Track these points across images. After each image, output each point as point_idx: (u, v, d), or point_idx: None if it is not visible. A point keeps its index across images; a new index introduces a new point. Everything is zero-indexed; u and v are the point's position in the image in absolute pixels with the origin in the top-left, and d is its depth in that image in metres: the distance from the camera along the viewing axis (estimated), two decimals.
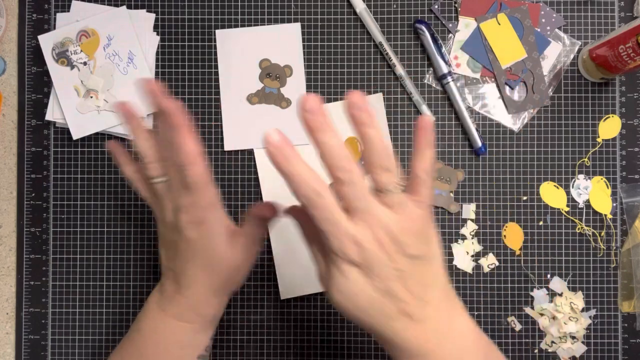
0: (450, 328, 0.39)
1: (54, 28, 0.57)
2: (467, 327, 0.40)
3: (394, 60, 0.56)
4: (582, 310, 0.56)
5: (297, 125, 0.57)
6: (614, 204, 0.57)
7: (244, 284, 0.57)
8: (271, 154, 0.36)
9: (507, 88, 0.57)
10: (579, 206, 0.57)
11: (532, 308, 0.57)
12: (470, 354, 0.39)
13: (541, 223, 0.57)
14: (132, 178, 0.49)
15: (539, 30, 0.57)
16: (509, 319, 0.57)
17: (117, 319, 0.57)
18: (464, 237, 0.57)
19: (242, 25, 0.58)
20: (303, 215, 0.44)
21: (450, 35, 0.57)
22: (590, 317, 0.56)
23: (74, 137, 0.57)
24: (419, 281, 0.38)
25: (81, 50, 0.57)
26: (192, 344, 0.46)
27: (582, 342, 0.56)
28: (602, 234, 0.57)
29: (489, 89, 0.57)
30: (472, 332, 0.40)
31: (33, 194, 0.58)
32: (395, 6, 0.58)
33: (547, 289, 0.57)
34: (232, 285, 0.47)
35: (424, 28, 0.56)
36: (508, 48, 0.57)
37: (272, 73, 0.57)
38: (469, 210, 0.57)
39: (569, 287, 0.57)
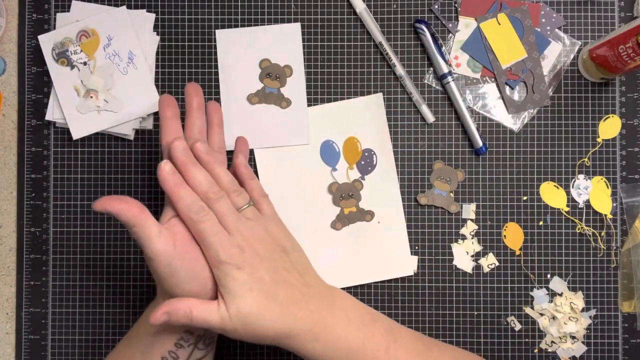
0: (333, 299, 0.46)
1: (54, 28, 0.57)
2: (343, 295, 0.48)
3: (394, 60, 0.56)
4: (582, 310, 0.56)
5: (296, 125, 0.57)
6: (614, 204, 0.57)
7: None
8: (162, 180, 0.44)
9: (507, 88, 0.57)
10: (579, 206, 0.57)
11: (532, 308, 0.57)
12: (353, 312, 0.46)
13: (541, 223, 0.57)
14: None
15: (539, 30, 0.57)
16: (509, 319, 0.57)
17: (117, 319, 0.57)
18: (464, 237, 0.57)
19: (242, 25, 0.58)
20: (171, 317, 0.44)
21: (450, 35, 0.57)
22: (590, 317, 0.56)
23: (74, 137, 0.57)
24: (296, 268, 0.46)
25: (81, 50, 0.57)
26: (156, 339, 0.46)
27: (582, 342, 0.56)
28: (602, 234, 0.57)
29: (489, 89, 0.57)
30: (349, 297, 0.48)
31: (33, 194, 0.58)
32: (395, 6, 0.58)
33: (547, 289, 0.57)
34: (163, 290, 0.46)
35: (424, 28, 0.56)
36: (508, 48, 0.57)
37: (272, 73, 0.57)
38: (469, 210, 0.57)
39: (569, 287, 0.57)
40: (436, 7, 0.57)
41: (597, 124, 0.57)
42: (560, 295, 0.56)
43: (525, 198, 0.57)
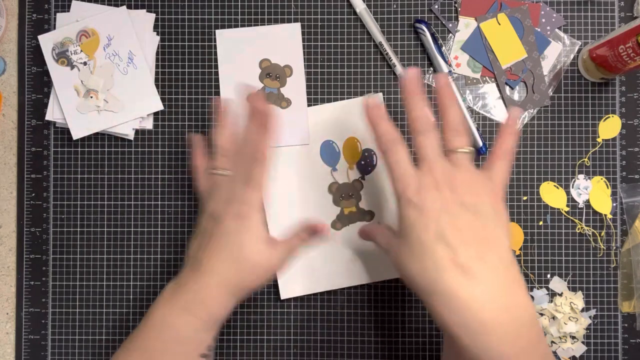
0: (509, 300, 0.40)
1: (54, 28, 0.57)
2: (527, 303, 0.40)
3: (394, 60, 0.56)
4: (582, 310, 0.56)
5: (296, 125, 0.57)
6: (614, 204, 0.57)
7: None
8: (368, 115, 0.46)
9: (507, 88, 0.57)
10: (579, 206, 0.57)
11: None
12: (527, 329, 0.40)
13: (541, 223, 0.57)
14: (196, 168, 0.53)
15: (539, 30, 0.57)
16: None
17: (117, 319, 0.57)
18: None
19: (242, 25, 0.58)
20: (368, 235, 0.51)
21: (450, 35, 0.57)
22: (590, 317, 0.56)
23: (74, 137, 0.57)
24: (473, 234, 0.40)
25: (81, 50, 0.57)
26: (194, 341, 0.47)
27: (582, 342, 0.56)
28: (602, 234, 0.57)
29: (489, 89, 0.57)
30: (531, 307, 0.40)
31: (33, 194, 0.58)
32: (395, 6, 0.58)
33: (547, 289, 0.57)
34: (244, 290, 0.48)
35: (424, 28, 0.56)
36: (508, 48, 0.57)
37: (272, 73, 0.57)
38: None
39: (569, 287, 0.57)
40: (436, 7, 0.57)
41: (597, 124, 0.57)
42: (560, 295, 0.56)
43: (525, 198, 0.57)
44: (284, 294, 0.56)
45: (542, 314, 0.56)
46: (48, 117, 0.57)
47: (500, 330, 0.39)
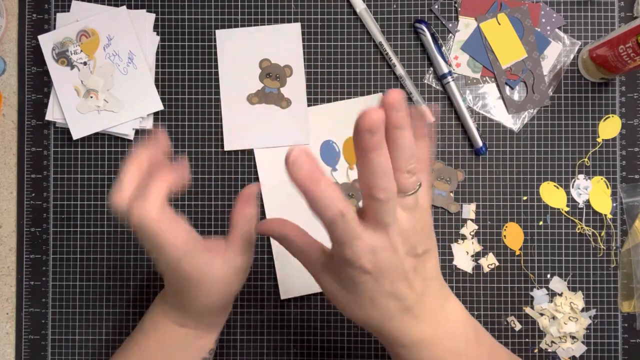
0: (443, 312, 0.41)
1: (54, 28, 0.57)
2: (457, 309, 0.42)
3: (394, 60, 0.56)
4: (582, 310, 0.56)
5: (296, 125, 0.57)
6: (614, 204, 0.57)
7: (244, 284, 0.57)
8: (292, 174, 0.34)
9: (507, 88, 0.57)
10: (579, 206, 0.57)
11: (532, 308, 0.57)
12: (461, 332, 0.41)
13: (541, 223, 0.57)
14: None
15: (539, 30, 0.57)
16: (509, 319, 0.57)
17: (117, 319, 0.57)
18: (464, 237, 0.57)
19: (242, 25, 0.58)
20: (293, 231, 0.42)
21: (450, 35, 0.57)
22: (590, 317, 0.56)
23: (74, 137, 0.57)
24: (422, 277, 0.38)
25: (81, 50, 0.57)
26: (194, 348, 0.46)
27: (582, 342, 0.56)
28: (602, 234, 0.57)
29: (489, 89, 0.57)
30: (461, 313, 0.42)
31: (33, 194, 0.58)
32: (395, 6, 0.58)
33: (547, 289, 0.57)
34: (232, 296, 0.46)
35: (424, 28, 0.56)
36: (508, 48, 0.57)
37: (272, 73, 0.57)
38: (469, 210, 0.57)
39: (569, 287, 0.57)
40: (436, 7, 0.57)
41: (597, 124, 0.57)
42: (560, 295, 0.56)
43: (525, 198, 0.57)
44: (284, 294, 0.56)
45: (542, 314, 0.56)
46: (48, 117, 0.57)
47: (438, 342, 0.40)
